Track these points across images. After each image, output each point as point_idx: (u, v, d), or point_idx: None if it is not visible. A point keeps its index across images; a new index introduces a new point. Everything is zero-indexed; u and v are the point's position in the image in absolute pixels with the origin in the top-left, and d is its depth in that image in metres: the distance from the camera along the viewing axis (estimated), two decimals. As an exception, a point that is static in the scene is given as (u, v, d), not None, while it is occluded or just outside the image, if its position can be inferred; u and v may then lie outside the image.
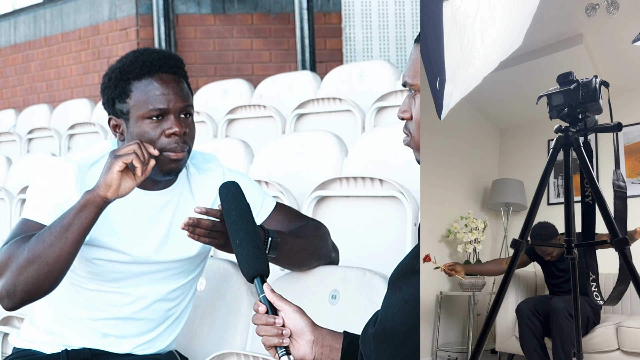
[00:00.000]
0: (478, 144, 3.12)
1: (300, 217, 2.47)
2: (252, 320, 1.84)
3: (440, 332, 3.28)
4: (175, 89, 2.24)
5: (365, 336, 1.69)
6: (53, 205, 2.22)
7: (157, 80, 2.23)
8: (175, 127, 2.21)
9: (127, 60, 2.27)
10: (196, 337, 2.68)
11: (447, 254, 3.36)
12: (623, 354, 2.56)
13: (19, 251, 2.11)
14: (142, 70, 2.23)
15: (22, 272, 2.08)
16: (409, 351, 1.60)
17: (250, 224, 1.91)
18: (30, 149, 6.45)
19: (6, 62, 9.60)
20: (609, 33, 2.31)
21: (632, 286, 2.05)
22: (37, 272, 2.08)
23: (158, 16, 7.65)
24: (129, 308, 2.38)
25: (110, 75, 2.27)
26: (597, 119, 2.16)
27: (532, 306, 2.76)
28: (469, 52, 1.64)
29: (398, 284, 1.62)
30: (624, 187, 2.17)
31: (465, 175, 3.10)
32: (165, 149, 2.22)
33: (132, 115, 2.23)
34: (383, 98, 4.51)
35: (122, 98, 2.24)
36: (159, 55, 2.26)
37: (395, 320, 1.61)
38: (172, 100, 2.23)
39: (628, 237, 2.08)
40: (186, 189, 2.37)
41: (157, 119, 2.22)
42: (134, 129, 2.23)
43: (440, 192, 3.13)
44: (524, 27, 1.96)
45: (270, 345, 1.80)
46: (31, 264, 2.08)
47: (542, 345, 2.72)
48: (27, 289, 2.10)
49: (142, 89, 2.22)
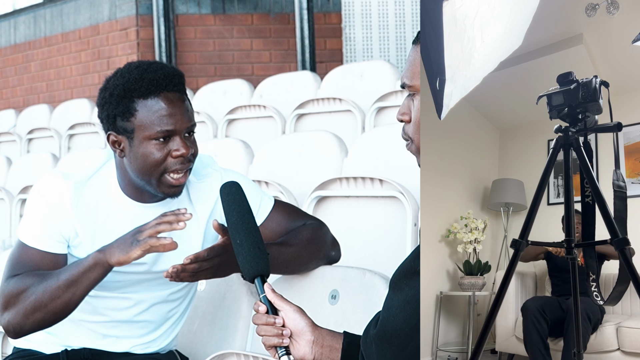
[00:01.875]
0: (478, 144, 3.12)
1: (299, 215, 2.46)
2: (253, 320, 1.84)
3: (440, 332, 3.28)
4: (181, 108, 2.20)
5: (366, 337, 1.68)
6: (50, 230, 2.25)
7: (164, 100, 2.18)
8: (183, 148, 2.19)
9: (130, 77, 2.20)
10: (196, 337, 2.68)
11: (447, 254, 3.36)
12: (623, 354, 2.56)
13: (27, 294, 2.16)
14: (148, 89, 2.18)
15: (29, 316, 2.17)
16: (410, 352, 1.60)
17: (251, 223, 1.91)
18: (30, 149, 6.45)
19: (6, 62, 9.60)
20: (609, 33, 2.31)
21: (632, 286, 2.05)
22: (43, 319, 2.17)
23: (158, 16, 7.65)
24: (129, 311, 2.38)
25: (112, 91, 2.21)
26: (597, 119, 2.15)
27: (540, 305, 2.75)
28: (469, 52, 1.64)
29: (399, 285, 1.62)
30: (624, 187, 2.17)
31: (465, 175, 3.10)
32: (169, 169, 2.20)
33: (137, 135, 2.18)
34: (383, 98, 4.51)
35: (126, 116, 2.19)
36: (165, 73, 2.20)
37: (397, 321, 1.61)
38: (178, 121, 2.19)
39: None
40: (184, 198, 2.35)
41: (164, 140, 2.19)
42: (138, 149, 2.19)
43: (440, 192, 3.13)
44: (524, 27, 1.96)
45: (271, 345, 1.80)
46: (37, 310, 2.16)
47: (545, 345, 2.72)
48: (34, 329, 2.20)
49: (149, 108, 2.17)
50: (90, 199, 2.27)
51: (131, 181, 2.26)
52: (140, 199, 2.30)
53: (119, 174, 2.29)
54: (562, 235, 2.30)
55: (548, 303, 2.81)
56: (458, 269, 3.36)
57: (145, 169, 2.20)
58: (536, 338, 2.71)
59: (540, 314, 2.72)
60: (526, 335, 2.73)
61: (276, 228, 2.40)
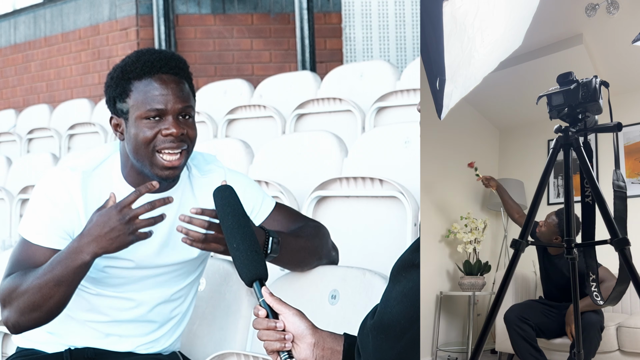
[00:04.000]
0: (478, 144, 3.12)
1: (299, 218, 2.47)
2: (253, 325, 1.83)
3: (440, 332, 3.28)
4: (174, 89, 2.23)
5: (363, 328, 1.69)
6: (53, 226, 2.25)
7: (157, 80, 2.22)
8: (173, 128, 2.20)
9: (129, 60, 2.26)
10: (196, 337, 2.68)
11: (447, 254, 3.36)
12: (623, 354, 2.56)
13: (21, 292, 2.17)
14: (142, 70, 2.23)
15: (25, 315, 2.19)
16: (406, 344, 1.60)
17: (246, 227, 1.90)
18: (30, 149, 6.45)
19: (6, 62, 9.60)
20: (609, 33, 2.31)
21: (632, 286, 2.05)
22: (39, 317, 2.19)
23: (158, 16, 7.65)
24: (132, 312, 2.38)
25: (113, 74, 2.27)
26: (597, 119, 2.16)
27: (519, 314, 2.76)
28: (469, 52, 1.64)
29: (398, 277, 1.62)
30: (624, 187, 2.17)
31: (465, 175, 3.10)
32: (159, 147, 2.21)
33: (131, 115, 2.23)
34: (383, 98, 4.51)
35: (122, 97, 2.24)
36: (161, 55, 2.26)
37: (394, 313, 1.61)
38: (170, 101, 2.22)
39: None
40: (188, 191, 2.36)
41: (155, 119, 2.21)
42: (131, 128, 2.23)
43: (440, 192, 3.13)
44: (524, 27, 1.97)
45: (273, 350, 1.79)
46: (33, 310, 2.17)
47: (536, 347, 2.72)
48: (32, 326, 2.22)
49: (142, 89, 2.22)
50: (95, 189, 2.27)
51: (133, 166, 2.28)
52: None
53: (122, 162, 2.31)
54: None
55: (528, 307, 2.80)
56: (458, 269, 3.36)
57: (137, 149, 2.22)
58: (524, 344, 2.71)
59: (522, 321, 2.73)
60: (514, 345, 2.73)
61: (276, 227, 2.40)
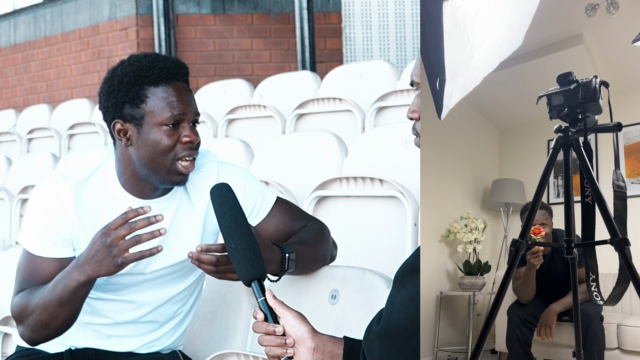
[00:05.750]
0: (478, 144, 3.12)
1: (300, 215, 2.46)
2: (253, 328, 1.82)
3: (440, 332, 3.28)
4: (189, 97, 2.26)
5: (369, 334, 1.68)
6: (53, 235, 2.25)
7: (174, 88, 2.23)
8: (192, 134, 2.22)
9: (140, 65, 2.23)
10: (196, 337, 2.68)
11: (447, 254, 3.36)
12: (623, 353, 2.56)
13: (30, 309, 2.20)
14: (159, 77, 2.22)
15: (37, 332, 2.23)
16: (412, 349, 1.60)
17: (244, 226, 1.89)
18: (30, 149, 6.45)
19: (6, 62, 9.60)
20: (609, 33, 2.31)
21: (632, 286, 2.05)
22: (49, 334, 2.23)
23: (158, 16, 7.66)
24: (133, 313, 2.38)
25: (122, 78, 2.23)
26: (597, 119, 2.15)
27: (522, 315, 2.75)
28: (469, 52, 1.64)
29: (403, 282, 1.62)
30: (624, 187, 2.17)
31: (465, 175, 3.10)
32: (178, 156, 2.22)
33: (148, 121, 2.21)
34: (383, 98, 4.51)
35: (136, 103, 2.21)
36: (173, 62, 2.26)
37: (400, 318, 1.61)
38: (188, 107, 2.24)
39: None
40: (183, 191, 2.35)
41: (173, 126, 2.22)
42: (148, 135, 2.21)
43: (440, 192, 3.13)
44: (524, 27, 1.96)
45: (274, 356, 1.78)
46: (43, 328, 2.21)
47: (526, 352, 2.71)
48: (44, 340, 2.26)
49: (159, 95, 2.22)
50: (90, 198, 2.27)
51: (134, 173, 2.26)
52: (141, 194, 2.29)
53: (119, 169, 2.29)
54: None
55: (535, 307, 2.79)
56: (458, 269, 3.36)
57: (155, 156, 2.22)
58: (516, 346, 2.71)
59: (523, 323, 2.72)
60: (508, 341, 2.73)
61: (279, 225, 2.39)
